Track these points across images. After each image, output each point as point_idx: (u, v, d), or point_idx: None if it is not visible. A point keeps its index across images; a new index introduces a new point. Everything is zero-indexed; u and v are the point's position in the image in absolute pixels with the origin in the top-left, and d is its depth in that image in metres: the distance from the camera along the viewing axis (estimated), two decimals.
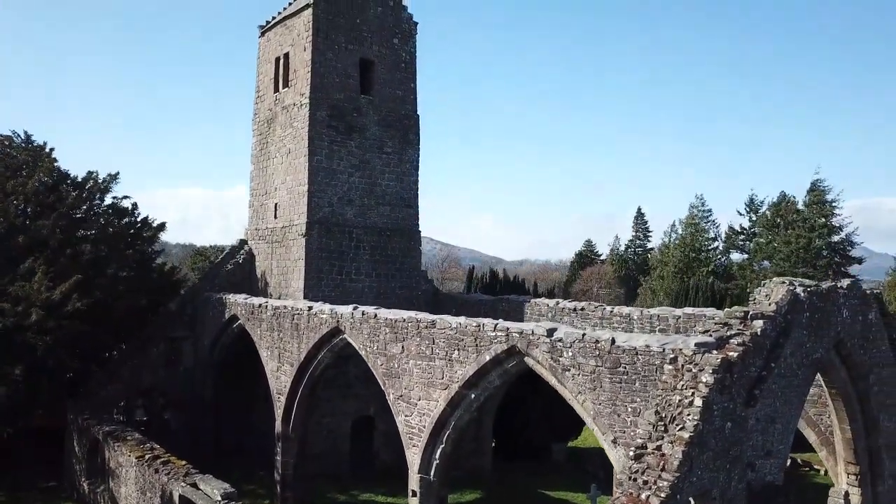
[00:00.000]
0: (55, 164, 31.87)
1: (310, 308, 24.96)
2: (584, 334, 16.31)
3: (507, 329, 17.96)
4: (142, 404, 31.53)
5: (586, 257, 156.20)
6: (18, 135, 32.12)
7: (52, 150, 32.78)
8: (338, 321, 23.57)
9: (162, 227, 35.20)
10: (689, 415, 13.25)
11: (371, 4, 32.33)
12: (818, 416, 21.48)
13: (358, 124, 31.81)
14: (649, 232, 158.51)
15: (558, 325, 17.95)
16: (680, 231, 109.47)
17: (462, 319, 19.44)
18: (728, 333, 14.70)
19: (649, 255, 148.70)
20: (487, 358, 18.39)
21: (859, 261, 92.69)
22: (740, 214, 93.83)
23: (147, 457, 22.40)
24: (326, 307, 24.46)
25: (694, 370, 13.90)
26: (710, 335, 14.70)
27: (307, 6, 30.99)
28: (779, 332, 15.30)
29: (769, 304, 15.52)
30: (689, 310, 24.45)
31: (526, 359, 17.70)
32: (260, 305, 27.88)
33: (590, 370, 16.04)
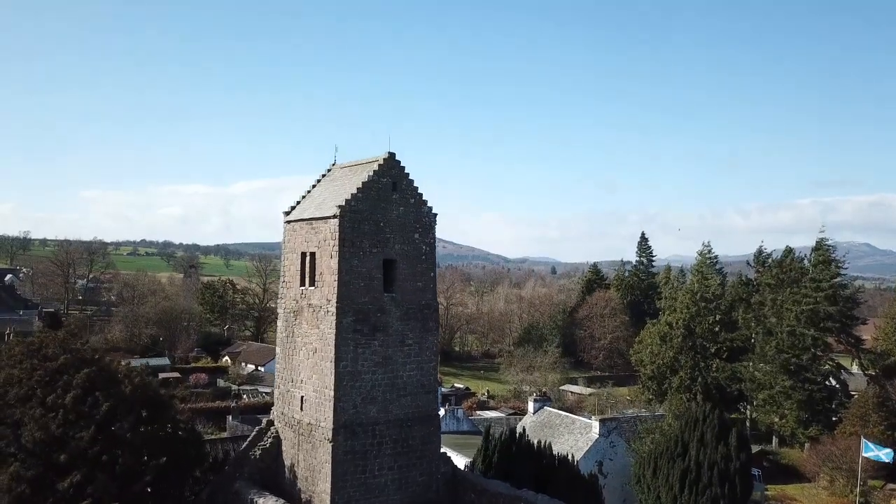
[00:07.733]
0: (87, 356, 33.28)
1: None
2: None
3: None
4: None
5: (593, 283, 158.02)
6: (55, 334, 33.49)
7: (82, 331, 34.23)
8: None
9: (186, 396, 36.54)
10: None
11: (394, 206, 33.35)
12: None
13: (381, 323, 32.91)
14: (653, 256, 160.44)
15: None
16: (689, 277, 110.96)
17: None
18: None
19: (654, 278, 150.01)
20: None
21: (864, 321, 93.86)
22: (749, 265, 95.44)
23: None
24: None
25: None
26: None
27: (334, 216, 31.97)
28: None
29: None
30: None
31: None
32: None
33: None
